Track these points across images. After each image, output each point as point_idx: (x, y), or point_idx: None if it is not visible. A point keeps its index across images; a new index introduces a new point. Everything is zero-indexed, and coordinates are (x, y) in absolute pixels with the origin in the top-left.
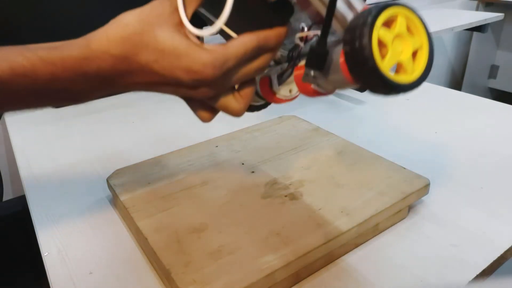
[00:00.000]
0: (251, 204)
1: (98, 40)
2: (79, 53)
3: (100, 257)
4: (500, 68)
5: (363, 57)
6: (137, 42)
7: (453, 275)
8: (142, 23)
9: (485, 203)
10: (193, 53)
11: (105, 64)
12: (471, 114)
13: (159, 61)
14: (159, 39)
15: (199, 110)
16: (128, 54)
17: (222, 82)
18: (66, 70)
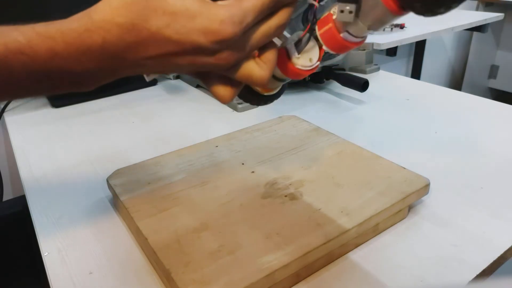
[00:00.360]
0: (251, 204)
1: (101, 9)
2: (80, 25)
3: (100, 257)
4: (500, 68)
5: None
6: (144, 6)
7: (453, 275)
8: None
9: (485, 203)
10: (208, 11)
11: (111, 35)
12: (471, 114)
13: (172, 25)
14: (169, 0)
15: (218, 86)
16: (136, 21)
17: (243, 42)
18: (67, 45)
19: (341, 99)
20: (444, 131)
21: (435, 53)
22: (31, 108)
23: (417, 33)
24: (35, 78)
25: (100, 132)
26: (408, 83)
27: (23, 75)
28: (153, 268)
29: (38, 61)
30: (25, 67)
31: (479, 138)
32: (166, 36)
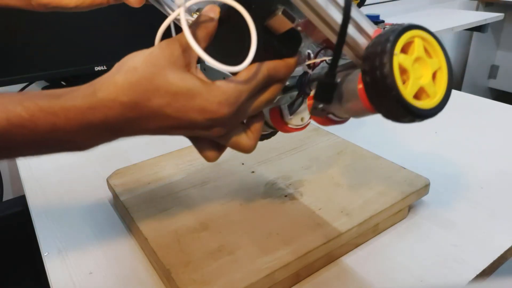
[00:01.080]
0: (251, 204)
1: (106, 87)
2: (84, 103)
3: (100, 257)
4: (500, 68)
5: (385, 86)
6: (148, 86)
7: (453, 275)
8: (151, 65)
9: (485, 203)
10: (207, 92)
11: (113, 112)
12: (471, 114)
13: (172, 104)
14: (171, 81)
15: (206, 150)
16: (139, 99)
17: (236, 118)
18: (69, 121)
19: None
20: (444, 131)
21: None
22: None
23: None
24: (34, 146)
25: None
26: None
27: (22, 144)
28: (153, 268)
29: (39, 134)
30: (26, 138)
31: (479, 138)
32: (166, 113)
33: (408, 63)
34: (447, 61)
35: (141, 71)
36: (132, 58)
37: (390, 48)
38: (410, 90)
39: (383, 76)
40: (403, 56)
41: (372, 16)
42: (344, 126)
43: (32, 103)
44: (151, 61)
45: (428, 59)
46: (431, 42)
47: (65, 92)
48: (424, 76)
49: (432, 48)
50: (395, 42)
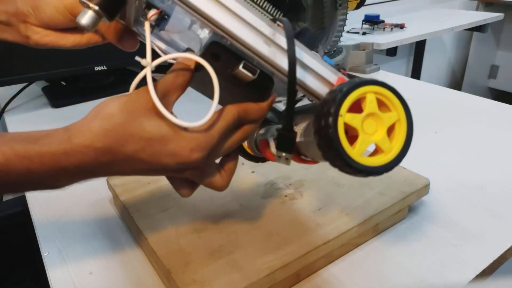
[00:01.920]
0: (251, 204)
1: (81, 133)
2: (58, 148)
3: (100, 257)
4: (500, 68)
5: (331, 148)
6: (123, 133)
7: (453, 275)
8: (127, 112)
9: (485, 203)
10: (179, 139)
11: (87, 157)
12: (471, 114)
13: (146, 149)
14: (146, 128)
15: (180, 187)
16: (113, 145)
17: (208, 160)
18: (43, 165)
19: None
20: (444, 131)
21: (435, 53)
22: (31, 108)
23: (417, 33)
24: (8, 187)
25: None
26: (408, 83)
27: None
28: (153, 268)
29: (12, 177)
30: (3, 181)
31: (479, 138)
32: (140, 158)
33: (356, 121)
34: (406, 112)
35: (117, 118)
36: (109, 104)
37: (335, 110)
38: (358, 149)
39: (328, 138)
40: (350, 116)
41: (372, 16)
42: None
43: (8, 147)
44: (127, 108)
45: (383, 114)
46: (387, 95)
47: (42, 136)
48: (378, 131)
49: (389, 102)
50: (340, 103)
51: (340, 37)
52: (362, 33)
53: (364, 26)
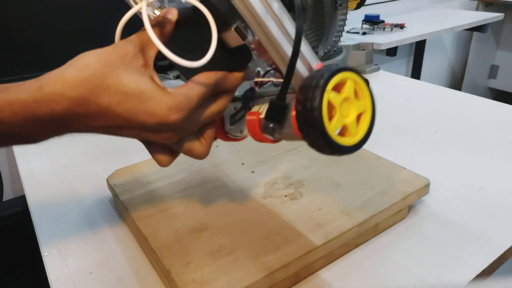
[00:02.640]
0: (251, 204)
1: (53, 81)
2: (29, 96)
3: (100, 257)
4: (500, 68)
5: (312, 118)
6: (98, 84)
7: (453, 275)
8: (104, 64)
9: (485, 203)
10: (159, 97)
11: (60, 107)
12: (471, 114)
13: (122, 104)
14: (123, 81)
15: (158, 154)
16: (88, 96)
17: (187, 125)
18: (14, 114)
19: None
20: (444, 131)
21: (435, 53)
22: None
23: (417, 33)
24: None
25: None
26: (408, 83)
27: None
28: (153, 268)
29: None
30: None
31: (479, 138)
32: (116, 112)
33: (337, 101)
34: (372, 105)
35: (92, 68)
36: (84, 56)
37: (323, 84)
38: (334, 126)
39: (312, 109)
40: (334, 94)
41: (372, 16)
42: None
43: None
44: (104, 60)
45: (356, 101)
46: (361, 85)
47: (11, 86)
48: (349, 115)
49: (361, 92)
50: (328, 80)
51: (340, 37)
52: (362, 33)
53: (364, 26)
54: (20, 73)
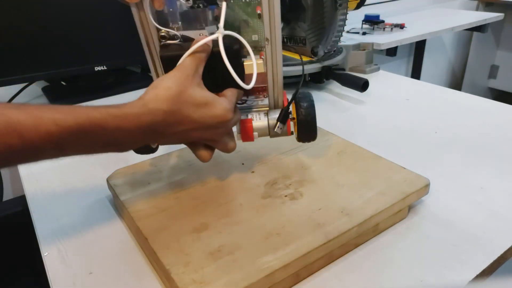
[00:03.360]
0: (251, 204)
1: (152, 99)
2: (139, 111)
3: (100, 257)
4: (500, 68)
5: (311, 122)
6: (179, 100)
7: (453, 275)
8: (179, 85)
9: (485, 203)
10: (217, 103)
11: (158, 117)
12: (471, 114)
13: (196, 112)
14: (194, 96)
15: (202, 151)
16: (175, 108)
17: (231, 123)
18: (129, 123)
19: (341, 99)
20: (444, 131)
21: (435, 53)
22: None
23: (417, 33)
24: (102, 144)
25: None
26: (408, 83)
27: (95, 140)
28: (153, 268)
29: (107, 133)
30: (99, 136)
31: (479, 138)
32: (193, 118)
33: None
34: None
35: (173, 89)
36: (164, 80)
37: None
38: None
39: (312, 117)
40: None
41: (372, 16)
42: (344, 126)
43: (104, 110)
44: (177, 82)
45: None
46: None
47: (123, 105)
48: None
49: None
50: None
51: (340, 37)
52: (362, 33)
53: (364, 26)
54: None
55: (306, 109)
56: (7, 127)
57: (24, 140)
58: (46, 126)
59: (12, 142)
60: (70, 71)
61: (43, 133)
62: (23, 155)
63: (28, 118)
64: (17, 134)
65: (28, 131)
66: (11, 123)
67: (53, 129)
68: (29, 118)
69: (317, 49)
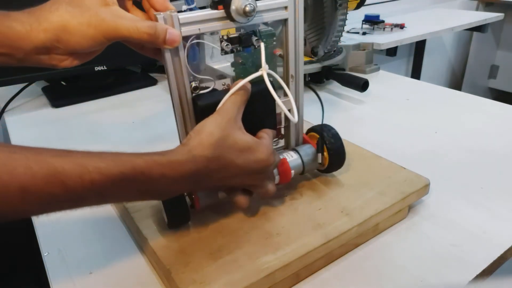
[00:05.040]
0: (251, 204)
1: (195, 146)
2: (183, 158)
3: (100, 257)
4: (500, 68)
5: (342, 152)
6: (223, 145)
7: (453, 275)
8: (222, 129)
9: (485, 203)
10: (260, 147)
11: (201, 164)
12: (471, 114)
13: (240, 157)
14: (237, 140)
15: (241, 197)
16: (218, 154)
17: (274, 166)
18: (173, 171)
19: (341, 99)
20: (444, 131)
21: (435, 53)
22: (31, 108)
23: (417, 33)
24: (144, 191)
25: (100, 132)
26: (408, 83)
27: (138, 188)
28: (153, 268)
29: (151, 181)
30: (142, 183)
31: (479, 138)
32: (236, 164)
33: None
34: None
35: (216, 134)
36: (206, 124)
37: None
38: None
39: (341, 148)
40: None
41: (372, 16)
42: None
43: (149, 157)
44: (220, 127)
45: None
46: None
47: (167, 152)
48: None
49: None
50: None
51: (340, 37)
52: (362, 33)
53: (364, 26)
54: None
55: (334, 137)
56: (51, 176)
57: (67, 189)
58: (91, 175)
59: (55, 191)
60: (70, 71)
61: (87, 182)
62: (64, 204)
63: (72, 166)
64: (60, 183)
65: (72, 181)
66: (55, 173)
67: (97, 178)
68: (73, 166)
69: (317, 49)
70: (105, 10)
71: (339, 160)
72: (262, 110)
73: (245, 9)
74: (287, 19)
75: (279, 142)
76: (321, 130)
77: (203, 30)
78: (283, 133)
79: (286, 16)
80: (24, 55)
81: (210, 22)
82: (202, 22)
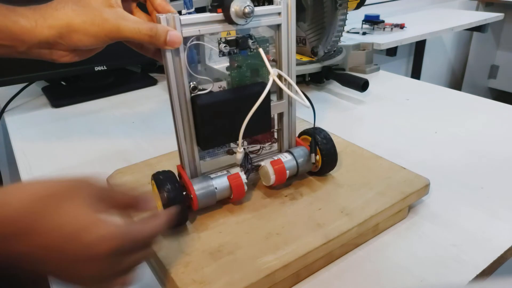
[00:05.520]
0: (251, 204)
1: (13, 197)
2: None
3: None
4: (500, 68)
5: (334, 154)
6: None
7: (453, 275)
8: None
9: (485, 203)
10: (96, 226)
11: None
12: (471, 114)
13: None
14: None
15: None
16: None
17: (114, 263)
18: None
19: (341, 99)
20: (444, 131)
21: (435, 53)
22: (31, 108)
23: (417, 33)
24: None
25: (100, 132)
26: (408, 83)
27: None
28: (153, 268)
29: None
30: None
31: (479, 138)
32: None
33: None
34: None
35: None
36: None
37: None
38: None
39: (333, 150)
40: None
41: (372, 16)
42: (344, 126)
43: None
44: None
45: None
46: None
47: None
48: None
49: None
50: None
51: (340, 37)
52: (362, 33)
53: (364, 26)
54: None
55: (326, 139)
56: None
57: None
58: None
59: None
60: (70, 71)
61: None
62: None
63: None
64: None
65: None
66: None
67: None
68: None
69: (317, 49)
70: (109, 11)
71: (332, 160)
72: (257, 113)
73: (244, 10)
74: (280, 24)
75: (272, 146)
76: (313, 133)
77: (203, 31)
78: (276, 137)
79: (280, 21)
80: (26, 48)
81: (209, 24)
82: (202, 24)
